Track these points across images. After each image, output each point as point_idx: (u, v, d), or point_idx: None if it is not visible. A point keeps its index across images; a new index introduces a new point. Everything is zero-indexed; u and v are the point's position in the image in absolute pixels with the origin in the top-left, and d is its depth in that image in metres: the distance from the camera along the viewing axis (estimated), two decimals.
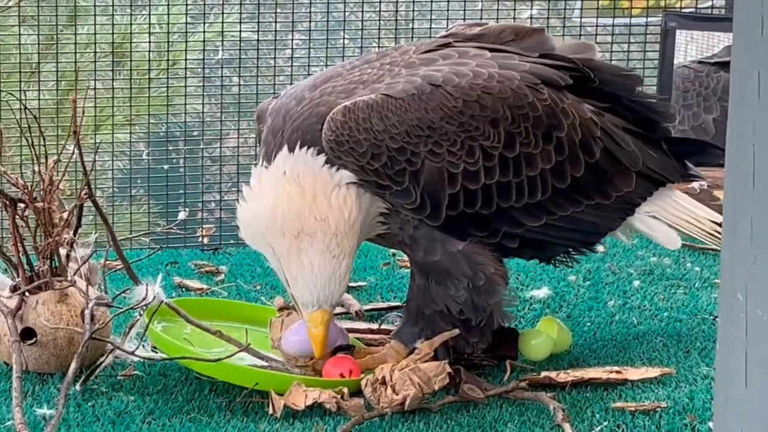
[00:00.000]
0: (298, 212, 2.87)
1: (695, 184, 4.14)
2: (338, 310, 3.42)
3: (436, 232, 2.94)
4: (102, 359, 2.99)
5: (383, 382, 2.80)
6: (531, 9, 5.06)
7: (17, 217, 3.03)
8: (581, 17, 5.13)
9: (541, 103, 2.99)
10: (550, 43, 3.14)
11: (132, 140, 5.88)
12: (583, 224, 3.09)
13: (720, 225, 3.28)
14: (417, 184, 2.90)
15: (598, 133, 3.05)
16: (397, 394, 2.79)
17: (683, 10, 5.06)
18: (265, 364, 2.99)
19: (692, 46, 4.78)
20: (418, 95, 2.90)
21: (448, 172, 2.91)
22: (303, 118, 2.95)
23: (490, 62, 3.00)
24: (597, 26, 5.00)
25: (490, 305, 3.00)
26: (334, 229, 2.87)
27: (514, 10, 4.98)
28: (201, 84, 5.59)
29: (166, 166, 5.19)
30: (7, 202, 3.03)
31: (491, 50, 3.06)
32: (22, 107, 3.05)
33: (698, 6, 5.05)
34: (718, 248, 3.72)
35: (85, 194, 3.02)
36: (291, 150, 2.92)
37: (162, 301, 2.94)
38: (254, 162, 4.90)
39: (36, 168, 3.04)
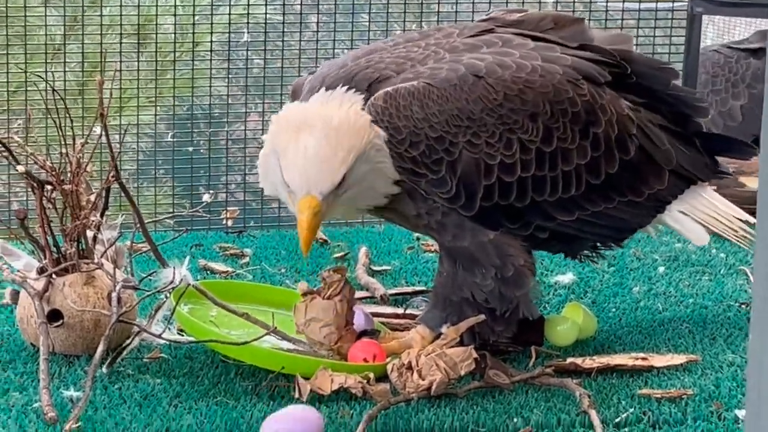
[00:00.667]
0: (305, 110, 2.90)
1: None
2: (363, 294, 3.42)
3: (466, 220, 2.93)
4: (128, 342, 2.99)
5: (409, 367, 2.80)
6: None
7: (44, 199, 3.03)
8: (607, 1, 5.12)
9: (581, 98, 2.98)
10: (589, 33, 3.13)
11: (156, 122, 5.89)
12: (614, 220, 3.08)
13: (747, 223, 3.29)
14: (453, 174, 2.89)
15: (634, 131, 3.05)
16: (423, 379, 2.78)
17: None
18: (291, 347, 2.98)
19: (712, 28, 4.77)
20: (460, 85, 2.89)
21: (485, 163, 2.90)
22: (346, 74, 2.96)
23: (533, 54, 2.98)
24: (622, 11, 4.99)
25: (517, 297, 3.00)
26: (336, 124, 2.83)
27: None
28: (225, 65, 5.59)
29: (190, 149, 5.19)
30: (35, 185, 3.03)
31: (533, 39, 3.05)
32: (50, 88, 3.05)
33: None
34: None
35: (113, 177, 3.02)
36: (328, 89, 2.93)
37: (189, 284, 2.93)
38: None
39: (63, 150, 3.04)
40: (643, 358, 3.03)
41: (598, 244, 3.17)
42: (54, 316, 3.00)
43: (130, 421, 2.70)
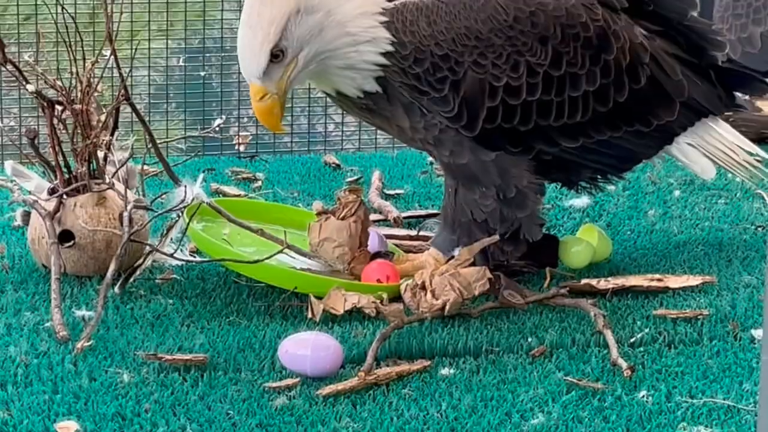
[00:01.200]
0: None
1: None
2: (376, 217, 3.41)
3: (466, 139, 2.92)
4: (140, 261, 2.99)
5: (423, 287, 2.80)
6: None
7: (55, 119, 3.02)
8: None
9: (594, 23, 2.95)
10: None
11: (167, 54, 5.88)
12: (619, 149, 3.06)
13: (758, 157, 3.27)
14: (457, 94, 2.87)
15: (646, 60, 3.02)
16: (437, 299, 2.79)
17: None
18: (305, 266, 2.98)
19: None
20: (470, 4, 2.86)
21: (490, 84, 2.88)
22: None
23: None
24: None
25: (519, 218, 2.99)
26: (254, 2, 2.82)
27: None
28: None
29: (202, 73, 5.19)
30: (45, 104, 3.02)
31: None
32: (61, 7, 3.04)
33: None
34: (756, 159, 3.71)
35: (123, 96, 3.02)
36: None
37: (204, 201, 2.93)
38: None
39: (73, 70, 3.03)
40: (659, 279, 3.03)
41: (598, 176, 3.15)
42: (65, 236, 3.00)
43: (142, 340, 2.71)
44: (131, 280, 2.96)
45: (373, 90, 2.88)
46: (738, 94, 3.29)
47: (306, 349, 2.59)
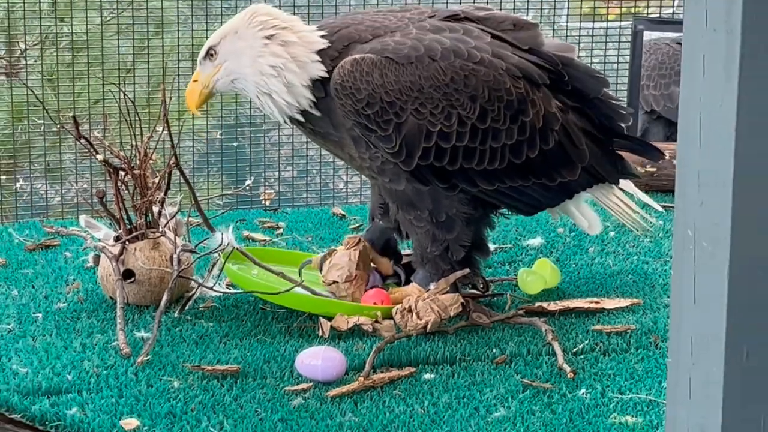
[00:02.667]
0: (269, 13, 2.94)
1: None
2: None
3: (403, 172, 2.90)
4: (191, 294, 3.03)
5: (410, 310, 2.84)
6: (527, 14, 5.06)
7: (119, 182, 3.07)
8: (567, 22, 5.13)
9: (516, 90, 2.90)
10: (541, 38, 3.05)
11: (207, 128, 5.92)
12: (527, 197, 3.01)
13: (640, 215, 3.25)
14: (399, 134, 2.85)
15: (556, 127, 2.96)
16: (420, 320, 2.83)
17: (649, 16, 5.05)
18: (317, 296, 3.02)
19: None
20: (416, 64, 2.85)
21: (427, 129, 2.85)
22: (332, 26, 2.97)
23: (486, 47, 2.92)
24: (580, 29, 5.01)
25: (447, 239, 2.95)
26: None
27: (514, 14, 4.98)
28: None
29: (235, 144, 5.22)
30: (111, 170, 3.07)
31: (492, 35, 2.98)
32: (122, 94, 3.09)
33: (661, 13, 5.05)
34: (673, 207, 3.71)
35: (173, 163, 3.05)
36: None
37: (234, 247, 2.96)
38: (306, 141, 4.95)
39: (133, 143, 3.07)
40: (596, 302, 3.06)
41: (509, 213, 3.13)
42: (127, 274, 3.04)
43: (188, 355, 2.75)
44: (185, 307, 2.99)
45: (290, 125, 2.94)
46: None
47: (317, 359, 2.63)
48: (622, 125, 3.10)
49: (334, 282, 3.00)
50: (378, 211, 3.13)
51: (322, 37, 2.92)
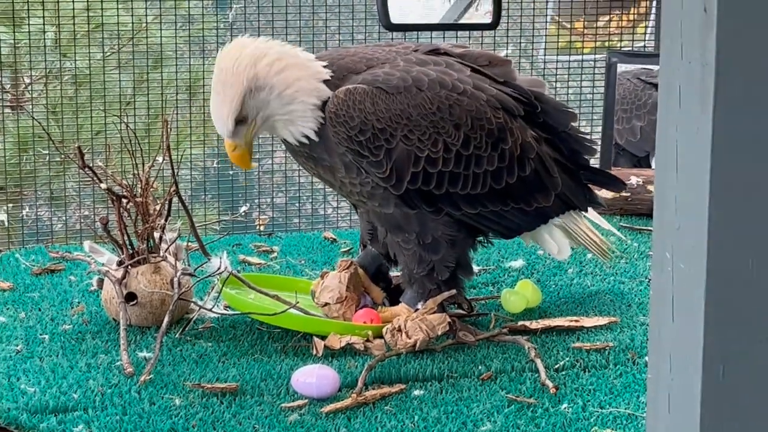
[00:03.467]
0: (230, 53, 2.84)
1: (633, 180, 4.16)
2: None
3: (392, 196, 2.91)
4: (191, 315, 3.02)
5: (399, 329, 2.83)
6: (507, 49, 5.08)
7: (121, 209, 3.06)
8: (545, 55, 5.15)
9: (496, 120, 2.94)
10: (514, 74, 3.09)
11: (204, 158, 5.92)
12: (506, 221, 3.03)
13: (604, 245, 3.27)
14: (389, 159, 2.86)
15: (533, 155, 2.99)
16: (409, 338, 2.81)
17: (623, 49, 5.07)
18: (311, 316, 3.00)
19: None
20: (405, 93, 2.87)
21: (415, 155, 2.87)
22: (327, 54, 2.98)
23: (468, 80, 2.96)
24: (557, 62, 5.02)
25: (433, 261, 2.96)
26: (222, 78, 2.82)
27: (494, 49, 5.00)
28: None
29: (231, 172, 5.23)
30: (114, 198, 3.06)
31: (471, 69, 3.02)
32: (125, 126, 3.09)
33: (633, 46, 5.07)
34: (647, 229, 3.73)
35: (173, 191, 3.05)
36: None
37: (231, 272, 2.95)
38: (297, 169, 4.95)
39: (135, 172, 3.07)
40: (576, 320, 3.06)
41: (491, 235, 3.14)
42: (130, 297, 3.03)
43: (189, 373, 2.73)
44: (185, 329, 2.98)
45: (307, 141, 2.90)
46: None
47: (312, 377, 2.62)
48: (588, 158, 3.14)
49: (326, 304, 2.99)
50: (367, 236, 3.13)
51: (324, 67, 2.93)
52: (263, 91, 2.85)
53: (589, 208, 3.26)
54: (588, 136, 3.20)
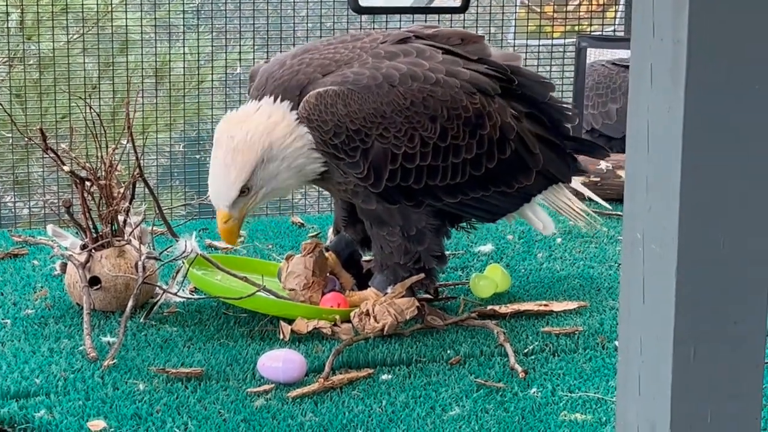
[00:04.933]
0: (230, 121, 2.80)
1: (603, 165, 4.16)
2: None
3: (372, 193, 2.87)
4: (156, 300, 2.99)
5: (367, 314, 2.80)
6: (476, 32, 5.06)
7: (85, 192, 3.02)
8: (515, 39, 5.14)
9: (473, 106, 2.88)
10: (488, 50, 3.03)
11: (171, 143, 5.89)
12: (488, 205, 2.99)
13: (587, 212, 3.27)
14: (366, 159, 2.80)
15: (512, 136, 2.94)
16: (378, 323, 2.79)
17: (593, 33, 5.07)
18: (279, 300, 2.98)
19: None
20: (377, 91, 2.80)
21: (392, 152, 2.82)
22: (283, 81, 2.85)
23: (440, 67, 2.89)
24: (527, 46, 5.01)
25: (419, 251, 2.92)
26: (234, 144, 2.76)
27: None
28: (223, 97, 5.59)
29: (198, 156, 5.20)
30: (77, 181, 3.02)
31: (443, 52, 2.95)
32: (89, 108, 3.05)
33: (603, 31, 5.07)
34: (617, 214, 3.73)
35: (138, 174, 3.01)
36: (274, 100, 2.83)
37: (198, 253, 2.92)
38: None
39: (99, 155, 3.03)
40: (545, 305, 3.04)
41: (473, 221, 3.13)
42: (94, 281, 2.99)
43: (153, 358, 2.70)
44: (150, 313, 2.95)
45: (320, 170, 2.86)
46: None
47: (278, 362, 2.59)
48: (569, 126, 3.11)
49: (292, 290, 2.97)
50: (342, 223, 3.10)
51: (279, 100, 2.83)
52: (274, 163, 2.80)
53: (573, 178, 3.24)
54: (567, 105, 3.17)
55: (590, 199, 3.49)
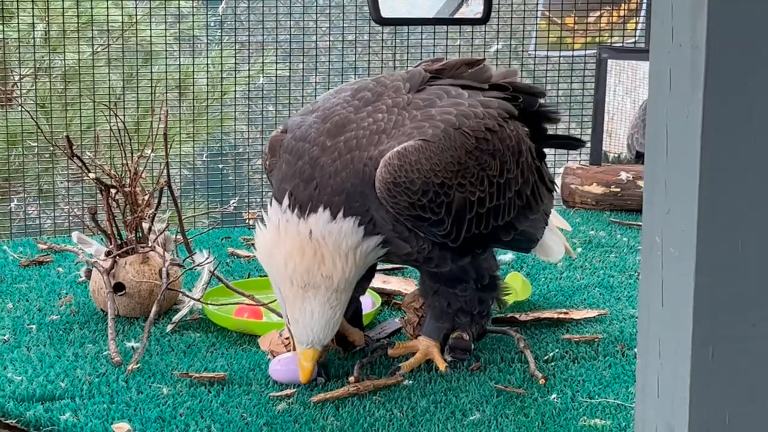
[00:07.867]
0: (308, 268, 2.47)
1: (623, 175, 4.17)
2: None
3: (448, 252, 2.64)
4: (181, 307, 3.02)
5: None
6: (497, 44, 5.07)
7: (110, 199, 3.05)
8: (535, 51, 5.15)
9: (512, 133, 2.70)
10: (491, 71, 2.82)
11: (194, 154, 5.92)
12: (529, 235, 2.83)
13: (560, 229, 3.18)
14: (449, 214, 2.57)
15: (535, 156, 2.80)
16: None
17: (613, 45, 5.07)
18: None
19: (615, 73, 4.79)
20: (446, 137, 2.56)
21: (469, 200, 2.60)
22: (343, 179, 2.51)
23: (474, 101, 2.68)
24: (547, 58, 5.02)
25: (492, 296, 2.79)
26: (335, 286, 2.50)
27: (485, 44, 5.00)
28: (246, 110, 5.63)
29: (221, 165, 5.22)
30: (103, 188, 3.05)
31: (462, 87, 2.73)
32: (114, 116, 3.08)
33: (624, 42, 5.07)
34: (637, 224, 3.73)
35: (164, 181, 3.04)
36: (333, 216, 2.48)
37: (212, 272, 2.95)
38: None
39: (124, 161, 3.06)
40: (565, 313, 3.06)
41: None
42: (118, 287, 3.02)
43: (177, 363, 2.73)
44: (176, 319, 2.98)
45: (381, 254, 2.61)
46: None
47: (291, 365, 2.61)
48: (547, 126, 2.90)
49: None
50: None
51: (342, 213, 2.50)
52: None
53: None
54: (553, 108, 2.96)
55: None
